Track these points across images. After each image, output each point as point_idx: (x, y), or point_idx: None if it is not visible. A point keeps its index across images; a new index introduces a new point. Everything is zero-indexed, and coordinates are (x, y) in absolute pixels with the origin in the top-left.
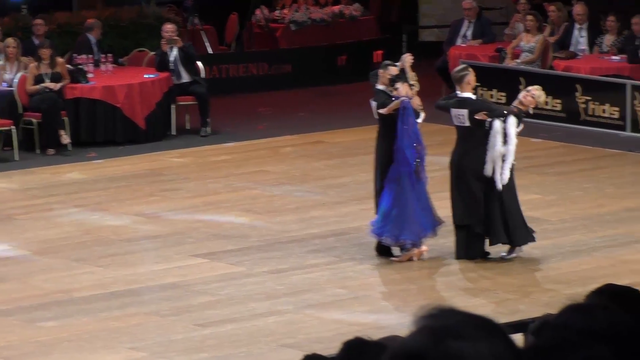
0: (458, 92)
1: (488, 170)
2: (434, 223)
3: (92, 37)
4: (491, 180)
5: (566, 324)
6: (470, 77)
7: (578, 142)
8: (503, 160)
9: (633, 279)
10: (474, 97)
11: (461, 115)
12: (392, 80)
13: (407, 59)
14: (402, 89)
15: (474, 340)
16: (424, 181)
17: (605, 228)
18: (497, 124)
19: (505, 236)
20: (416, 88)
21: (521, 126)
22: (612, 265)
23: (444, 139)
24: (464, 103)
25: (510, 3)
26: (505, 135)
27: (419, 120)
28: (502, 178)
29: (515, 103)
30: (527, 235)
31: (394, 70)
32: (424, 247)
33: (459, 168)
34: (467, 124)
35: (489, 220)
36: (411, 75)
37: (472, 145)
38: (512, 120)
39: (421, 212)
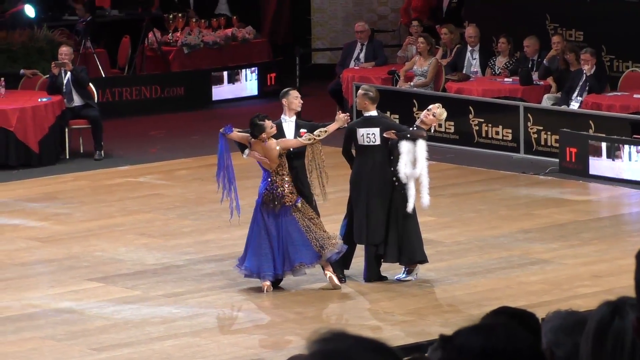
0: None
1: (410, 200)
2: (314, 255)
3: None
4: (392, 200)
5: (466, 344)
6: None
7: (471, 164)
8: (419, 183)
9: (529, 300)
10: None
11: (371, 134)
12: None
13: (341, 117)
14: (267, 123)
15: None
16: (291, 218)
17: (499, 250)
18: (405, 145)
19: (398, 256)
20: (306, 140)
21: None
22: (507, 287)
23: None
24: (373, 121)
25: (401, 25)
26: (414, 158)
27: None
28: (422, 203)
29: (418, 123)
30: (423, 255)
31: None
32: (267, 282)
33: (361, 187)
34: (378, 142)
35: (387, 239)
36: (319, 131)
37: (377, 164)
38: (422, 144)
39: (279, 246)
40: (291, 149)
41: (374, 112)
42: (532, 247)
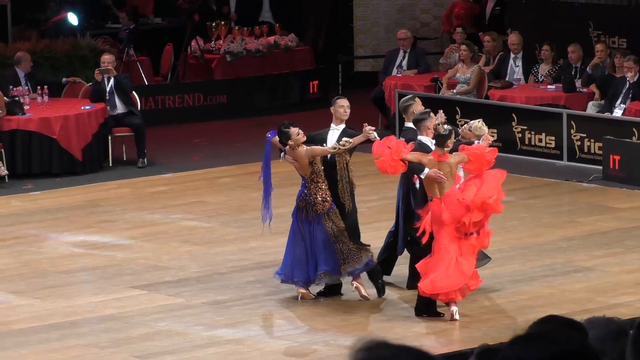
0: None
1: None
2: (337, 266)
3: (21, 71)
4: None
5: (522, 354)
6: (416, 107)
7: (514, 171)
8: None
9: (572, 308)
10: None
11: None
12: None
13: (366, 129)
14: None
15: None
16: (322, 225)
17: (543, 257)
18: None
19: None
20: (331, 149)
21: None
22: (551, 295)
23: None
24: (406, 132)
25: (444, 33)
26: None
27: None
28: None
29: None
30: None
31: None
32: (302, 290)
33: (406, 196)
34: None
35: None
36: (344, 141)
37: (409, 172)
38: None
39: (312, 253)
40: (328, 157)
41: (410, 124)
42: (576, 254)
